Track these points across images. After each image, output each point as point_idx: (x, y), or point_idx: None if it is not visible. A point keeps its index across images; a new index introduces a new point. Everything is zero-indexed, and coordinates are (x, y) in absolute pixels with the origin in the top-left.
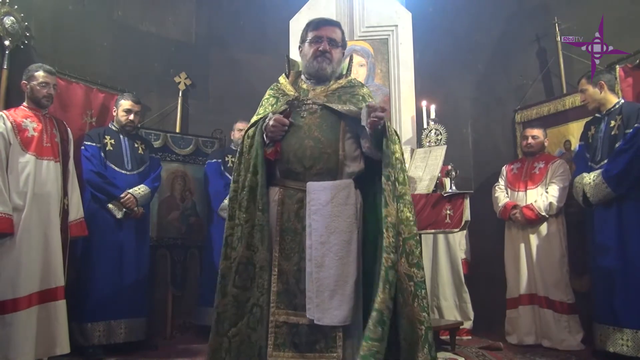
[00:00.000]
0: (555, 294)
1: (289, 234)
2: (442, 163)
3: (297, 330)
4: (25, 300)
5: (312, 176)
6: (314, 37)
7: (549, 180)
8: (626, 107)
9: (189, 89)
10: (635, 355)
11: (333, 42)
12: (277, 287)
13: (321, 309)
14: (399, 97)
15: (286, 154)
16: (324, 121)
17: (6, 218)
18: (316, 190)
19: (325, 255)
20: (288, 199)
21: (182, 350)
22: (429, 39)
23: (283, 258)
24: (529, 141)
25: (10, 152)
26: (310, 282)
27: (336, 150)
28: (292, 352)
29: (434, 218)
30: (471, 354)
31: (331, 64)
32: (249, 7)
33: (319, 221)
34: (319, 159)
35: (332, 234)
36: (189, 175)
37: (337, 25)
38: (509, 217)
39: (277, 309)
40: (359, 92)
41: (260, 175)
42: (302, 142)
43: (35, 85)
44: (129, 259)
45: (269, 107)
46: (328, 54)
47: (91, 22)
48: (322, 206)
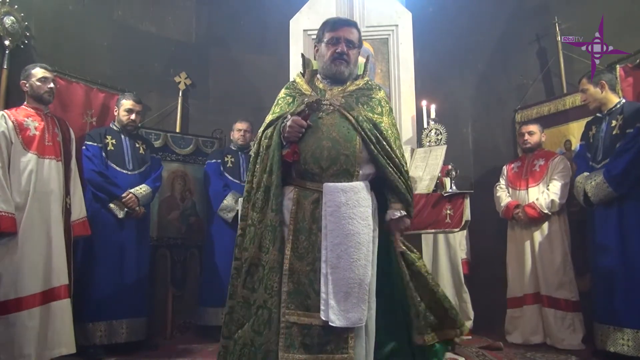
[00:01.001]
0: (559, 292)
1: (303, 233)
2: (442, 163)
3: (308, 331)
4: (29, 300)
5: (329, 177)
6: (331, 38)
7: (549, 177)
8: (627, 106)
9: (189, 88)
10: (636, 355)
11: (350, 44)
12: (288, 287)
13: (336, 311)
14: (399, 97)
15: (303, 154)
16: (342, 122)
17: (9, 217)
18: (332, 191)
19: (341, 257)
20: (303, 199)
21: (182, 350)
22: (429, 38)
23: (296, 258)
24: (526, 137)
25: (11, 151)
26: (325, 283)
27: (353, 152)
28: (303, 353)
29: (434, 218)
30: (471, 353)
31: (349, 67)
32: (249, 7)
33: (335, 222)
34: (336, 160)
35: (348, 235)
36: (189, 175)
37: (354, 26)
38: (512, 216)
39: (287, 309)
40: (376, 96)
41: (275, 175)
42: (320, 143)
43: (34, 82)
44: (130, 259)
45: (285, 107)
46: (345, 56)
47: (91, 22)
48: (337, 207)
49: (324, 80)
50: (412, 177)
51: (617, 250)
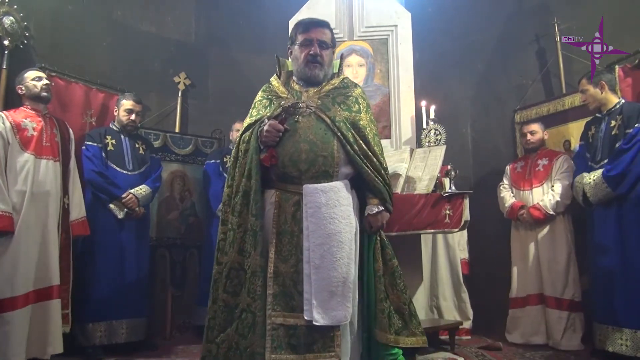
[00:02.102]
0: (564, 293)
1: (285, 236)
2: (441, 163)
3: (294, 332)
4: (23, 298)
5: (308, 179)
6: (303, 40)
7: (554, 177)
8: (627, 107)
9: (188, 88)
10: (634, 355)
11: (323, 44)
12: (274, 289)
13: (320, 310)
14: (398, 97)
15: (282, 157)
16: (319, 124)
17: (7, 216)
18: (312, 192)
19: (323, 257)
20: (285, 202)
21: (181, 350)
22: (429, 39)
23: (280, 260)
24: (528, 137)
25: (9, 152)
26: (308, 283)
27: (331, 153)
28: (290, 353)
29: (434, 218)
30: (470, 353)
31: (323, 69)
32: (249, 7)
33: (316, 223)
34: (314, 162)
35: (330, 235)
36: (188, 175)
37: (326, 26)
38: (517, 217)
39: (273, 311)
40: (352, 93)
41: (254, 180)
42: (298, 146)
43: (29, 83)
44: (129, 259)
45: (263, 110)
46: (319, 58)
47: (90, 21)
48: (318, 208)
49: (299, 82)
50: (412, 177)
51: (616, 250)
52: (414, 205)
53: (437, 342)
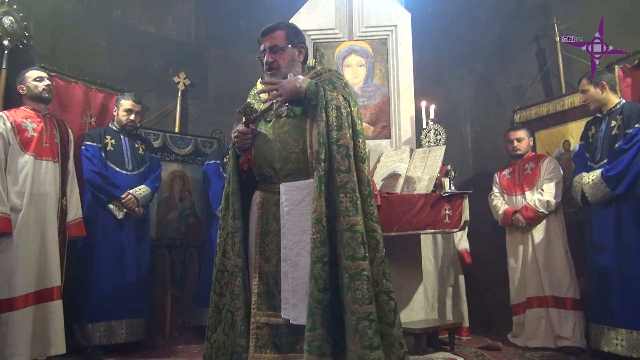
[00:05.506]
0: (563, 291)
1: (268, 236)
2: (441, 163)
3: (277, 331)
4: (22, 299)
5: (284, 177)
6: (261, 50)
7: (542, 179)
8: (627, 107)
9: (188, 89)
10: (630, 355)
11: (274, 49)
12: (259, 289)
13: (297, 309)
14: (398, 97)
15: (257, 159)
16: (290, 121)
17: (4, 218)
18: (288, 190)
19: (300, 255)
20: (267, 202)
21: (181, 350)
22: (429, 39)
23: (263, 260)
24: (515, 144)
25: (9, 152)
26: (286, 282)
27: (304, 149)
28: (273, 353)
29: (433, 218)
30: (470, 354)
31: (281, 71)
32: (249, 7)
33: (292, 221)
34: (288, 160)
35: (306, 232)
36: (188, 175)
37: (277, 28)
38: (512, 222)
39: (258, 310)
40: (325, 77)
41: (232, 184)
42: (270, 146)
43: (30, 83)
44: (129, 259)
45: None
46: (274, 64)
47: (90, 21)
48: (294, 206)
49: None
50: (411, 177)
51: (614, 250)
52: (413, 206)
53: (437, 342)
